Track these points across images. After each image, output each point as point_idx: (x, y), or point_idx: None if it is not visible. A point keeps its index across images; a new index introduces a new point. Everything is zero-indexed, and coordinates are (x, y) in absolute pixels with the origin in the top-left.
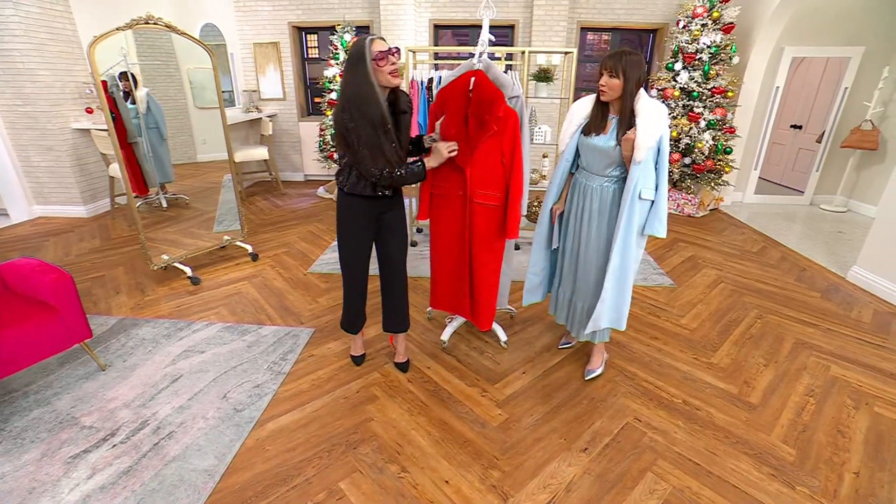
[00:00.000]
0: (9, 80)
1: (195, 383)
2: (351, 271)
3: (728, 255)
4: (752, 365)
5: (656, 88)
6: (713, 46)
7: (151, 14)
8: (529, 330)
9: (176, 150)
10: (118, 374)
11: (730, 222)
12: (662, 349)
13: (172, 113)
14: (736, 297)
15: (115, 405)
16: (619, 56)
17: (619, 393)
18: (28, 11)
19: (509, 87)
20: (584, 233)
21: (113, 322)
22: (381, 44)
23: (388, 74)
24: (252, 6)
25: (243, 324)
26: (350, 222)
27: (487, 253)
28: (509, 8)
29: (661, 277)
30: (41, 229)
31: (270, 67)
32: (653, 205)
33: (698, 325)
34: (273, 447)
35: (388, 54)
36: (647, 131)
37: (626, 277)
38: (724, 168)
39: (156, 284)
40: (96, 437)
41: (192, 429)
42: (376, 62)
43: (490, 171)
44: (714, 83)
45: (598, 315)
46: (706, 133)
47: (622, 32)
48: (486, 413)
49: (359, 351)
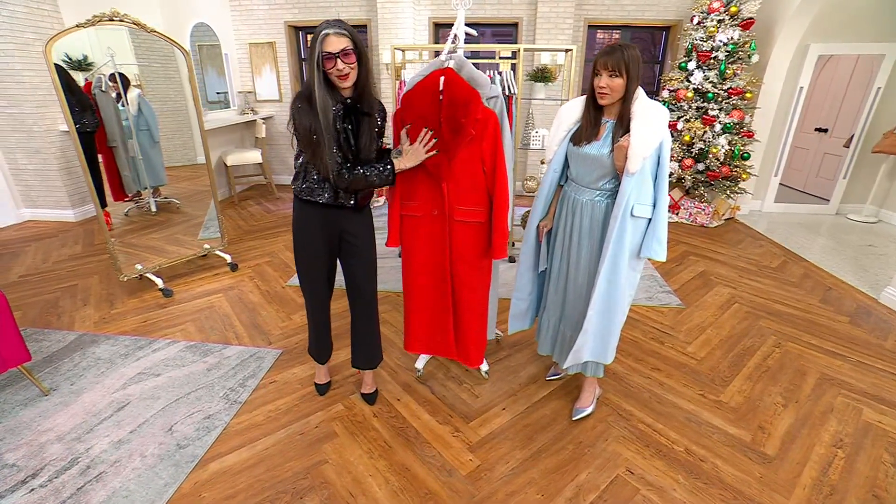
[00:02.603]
0: None
1: (142, 412)
2: (309, 295)
3: (743, 270)
4: (769, 405)
5: (668, 89)
6: (730, 44)
7: (116, 10)
8: (516, 357)
9: (175, 152)
10: (61, 401)
11: (747, 233)
12: (664, 383)
13: (171, 114)
14: (751, 320)
15: (47, 438)
16: (619, 51)
17: (611, 437)
18: (13, 11)
19: (486, 86)
20: (574, 253)
21: (72, 338)
22: (332, 42)
23: (336, 77)
24: (247, 5)
25: (208, 343)
26: (305, 235)
27: (473, 277)
28: (513, 5)
29: (668, 296)
30: (26, 233)
31: (266, 68)
32: (650, 223)
33: (707, 354)
34: (210, 494)
35: (337, 57)
36: (644, 138)
37: (615, 305)
38: (741, 175)
39: (127, 296)
40: (15, 478)
41: (125, 468)
42: (324, 63)
43: (471, 182)
44: (731, 84)
45: (580, 347)
46: (722, 137)
47: (633, 30)
48: (456, 458)
49: (323, 379)
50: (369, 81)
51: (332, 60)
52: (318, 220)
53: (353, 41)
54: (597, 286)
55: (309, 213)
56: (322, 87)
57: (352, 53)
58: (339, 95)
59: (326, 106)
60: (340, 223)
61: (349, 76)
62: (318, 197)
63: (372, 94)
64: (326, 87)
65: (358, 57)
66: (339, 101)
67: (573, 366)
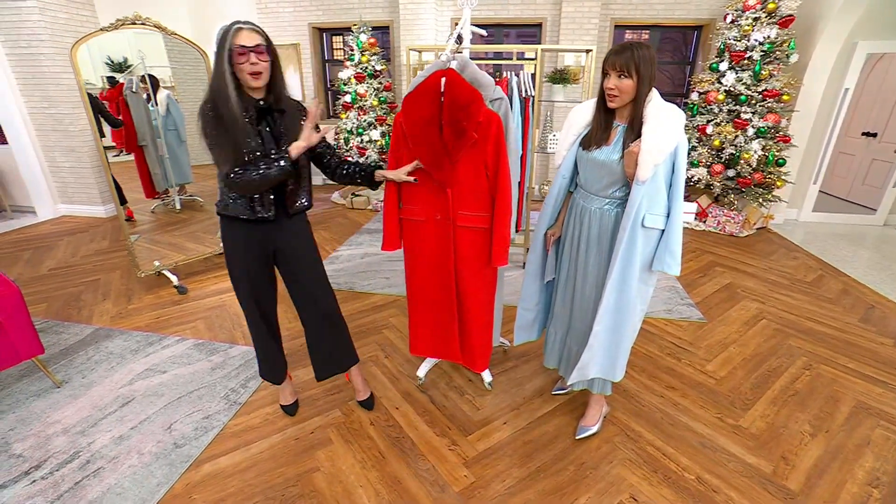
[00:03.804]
0: (37, 84)
1: (144, 409)
2: (249, 313)
3: (774, 284)
4: (795, 433)
5: (697, 91)
6: (766, 43)
7: (139, 14)
8: (522, 369)
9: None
10: (71, 393)
11: (780, 244)
12: (679, 403)
13: None
14: (780, 338)
15: (54, 430)
16: (629, 51)
17: (617, 459)
18: (55, 17)
19: (489, 87)
20: (581, 263)
21: (88, 332)
22: (247, 36)
23: (248, 74)
24: (273, 7)
25: (215, 342)
26: (234, 253)
27: (478, 283)
28: (537, 5)
29: (689, 309)
30: (61, 228)
31: (290, 69)
32: (663, 234)
33: (728, 374)
34: (201, 496)
35: (251, 52)
36: (656, 143)
37: (624, 321)
38: (775, 182)
39: (144, 292)
40: (20, 468)
41: (122, 465)
42: (236, 56)
43: (474, 187)
44: (766, 85)
45: (585, 363)
46: (754, 142)
47: (662, 30)
48: (451, 473)
49: (289, 399)
50: (284, 84)
51: (246, 55)
52: (243, 237)
53: (267, 41)
54: (604, 300)
55: (233, 230)
56: (232, 85)
57: (265, 52)
58: (251, 98)
59: (238, 104)
60: (271, 236)
61: (261, 75)
62: (237, 212)
63: (287, 95)
64: (239, 88)
65: (272, 58)
66: (251, 104)
67: (579, 382)
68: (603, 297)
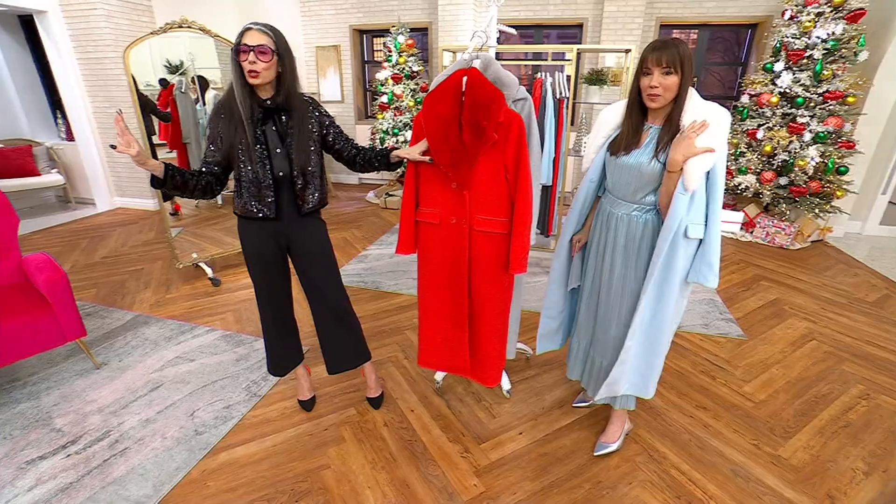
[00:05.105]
0: (101, 86)
1: (171, 395)
2: (262, 308)
3: (828, 302)
4: (845, 470)
5: (748, 94)
6: (830, 40)
7: (185, 18)
8: (543, 378)
9: None
10: (108, 375)
11: (838, 259)
12: (710, 425)
13: None
14: (832, 362)
15: (91, 408)
16: (674, 47)
17: (637, 480)
18: (118, 24)
19: (513, 87)
20: (606, 271)
21: (129, 318)
22: (252, 36)
23: (246, 72)
24: (317, 10)
25: (242, 334)
26: (248, 250)
27: (493, 293)
28: (578, 5)
29: (728, 325)
30: (115, 219)
31: (331, 70)
32: (700, 244)
33: (768, 398)
34: (215, 484)
35: (251, 51)
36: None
37: (660, 336)
38: (834, 191)
39: (182, 282)
40: (59, 442)
41: (146, 447)
42: (239, 54)
43: (493, 190)
44: (828, 86)
45: (616, 379)
46: (812, 148)
47: (712, 29)
48: (460, 481)
49: (306, 395)
50: (294, 84)
51: (246, 53)
52: (255, 232)
53: (276, 43)
54: (638, 314)
55: (247, 227)
56: (240, 82)
57: (268, 52)
58: (257, 97)
59: (243, 99)
60: (284, 233)
61: (259, 74)
62: (249, 212)
63: (298, 95)
64: (246, 87)
65: (279, 60)
66: (257, 102)
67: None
68: (637, 311)
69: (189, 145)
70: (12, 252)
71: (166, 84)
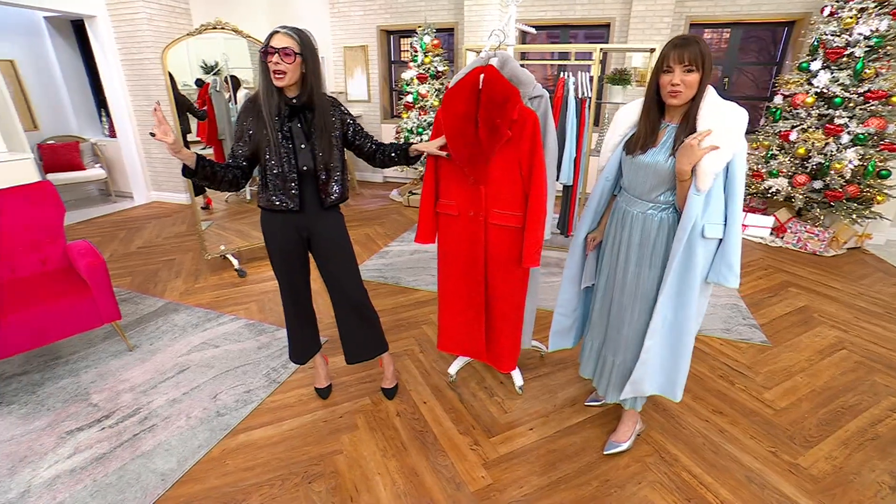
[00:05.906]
0: (143, 85)
1: (196, 377)
2: (284, 297)
3: (862, 311)
4: (869, 483)
5: (782, 94)
6: (874, 37)
7: (220, 19)
8: (556, 376)
9: None
10: (140, 357)
11: (876, 267)
12: (726, 430)
13: None
14: (862, 372)
15: (123, 387)
16: (696, 43)
17: (646, 481)
18: (158, 26)
19: (529, 84)
20: (620, 270)
21: (160, 305)
22: (278, 39)
23: (272, 73)
24: (345, 11)
25: (265, 323)
26: (271, 242)
27: (508, 284)
28: (605, 5)
29: (751, 331)
30: (150, 212)
31: (358, 70)
32: (720, 244)
33: (789, 405)
34: (234, 462)
35: (276, 53)
36: (720, 150)
37: (683, 336)
38: (874, 196)
39: (210, 272)
40: (94, 416)
41: (172, 425)
42: (266, 55)
43: (508, 185)
44: (869, 85)
45: (639, 378)
46: (850, 150)
47: (746, 27)
48: (469, 473)
49: (323, 383)
50: (318, 84)
51: (272, 55)
52: (278, 224)
53: (301, 45)
54: (658, 313)
55: (270, 220)
56: (265, 82)
57: (293, 54)
58: (284, 96)
59: (270, 99)
60: (306, 226)
61: (285, 75)
62: (272, 205)
63: (321, 95)
64: (272, 87)
65: (304, 61)
66: (283, 101)
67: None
68: (656, 311)
69: (224, 141)
70: (59, 239)
71: (202, 84)
